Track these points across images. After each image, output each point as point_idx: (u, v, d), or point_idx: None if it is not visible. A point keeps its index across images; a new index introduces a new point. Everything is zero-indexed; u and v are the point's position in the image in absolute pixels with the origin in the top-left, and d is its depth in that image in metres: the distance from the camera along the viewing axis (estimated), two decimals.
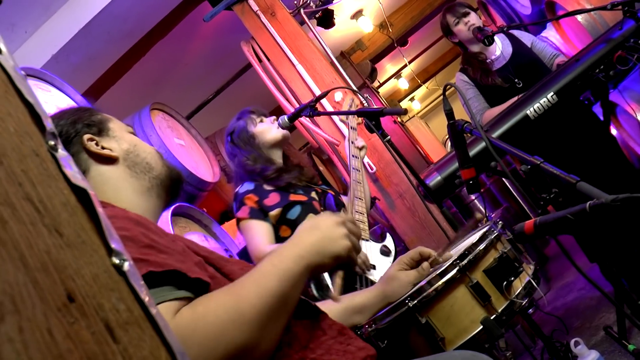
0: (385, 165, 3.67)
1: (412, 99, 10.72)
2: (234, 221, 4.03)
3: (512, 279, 1.35)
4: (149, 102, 3.96)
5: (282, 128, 2.59)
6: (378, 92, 7.93)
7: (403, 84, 9.40)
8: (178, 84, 5.38)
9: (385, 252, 2.60)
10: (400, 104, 10.02)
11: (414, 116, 10.84)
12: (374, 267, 2.46)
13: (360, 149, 2.86)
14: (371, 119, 2.09)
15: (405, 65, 8.51)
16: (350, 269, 1.20)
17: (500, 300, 1.35)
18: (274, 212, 2.48)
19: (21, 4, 3.48)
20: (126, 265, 0.45)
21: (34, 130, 0.45)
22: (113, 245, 0.45)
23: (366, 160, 3.66)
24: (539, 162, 1.24)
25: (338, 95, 3.70)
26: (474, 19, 3.32)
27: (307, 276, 1.08)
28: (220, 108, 5.81)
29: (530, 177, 1.27)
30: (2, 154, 0.40)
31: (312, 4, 4.70)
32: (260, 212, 2.48)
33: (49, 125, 0.47)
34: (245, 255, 3.26)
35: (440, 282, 1.35)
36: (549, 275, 5.02)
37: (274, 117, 2.73)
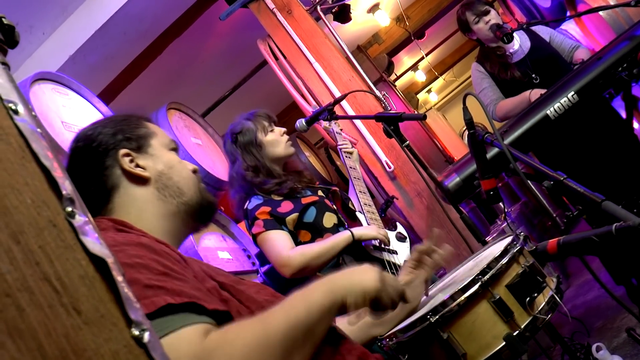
0: (403, 164, 3.64)
1: (429, 91, 10.63)
2: None
3: (535, 295, 1.33)
4: (166, 99, 3.96)
5: (300, 132, 2.57)
6: (395, 86, 7.88)
7: (420, 76, 9.34)
8: (194, 81, 5.39)
9: (401, 238, 2.60)
10: (417, 96, 9.96)
11: (430, 108, 10.77)
12: (395, 252, 2.46)
13: (351, 152, 2.89)
14: (390, 124, 2.06)
15: (422, 58, 8.45)
16: (380, 310, 1.21)
17: (523, 316, 1.33)
18: (290, 217, 2.42)
19: (39, 5, 3.50)
20: (146, 336, 0.43)
21: (51, 197, 0.44)
22: (132, 316, 0.43)
23: (384, 158, 3.64)
24: (562, 178, 1.22)
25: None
26: (493, 17, 3.28)
27: (335, 311, 1.08)
28: (236, 105, 5.80)
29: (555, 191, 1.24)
30: (20, 231, 0.39)
31: None
32: (275, 222, 2.41)
33: (66, 190, 0.46)
34: (264, 257, 3.26)
35: (462, 298, 1.33)
36: (568, 271, 4.95)
37: (285, 129, 2.66)
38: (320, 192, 2.61)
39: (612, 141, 3.04)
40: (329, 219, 2.49)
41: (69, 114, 2.77)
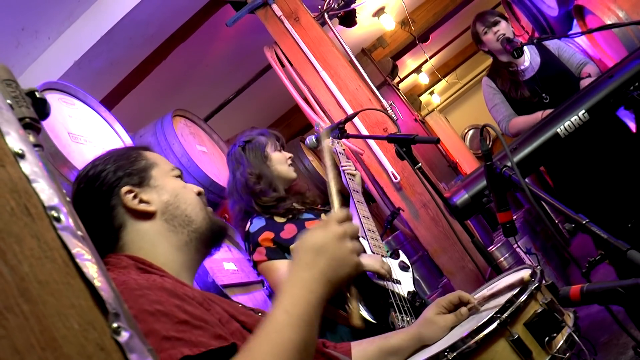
0: (409, 175, 3.62)
1: (431, 93, 10.61)
2: None
3: (555, 335, 1.32)
4: (170, 103, 3.93)
5: (310, 148, 2.55)
6: (398, 89, 7.86)
7: (423, 79, 9.30)
8: (199, 84, 5.37)
9: (404, 267, 2.59)
10: (420, 98, 9.93)
11: (433, 110, 10.74)
12: (399, 282, 2.45)
13: (354, 175, 2.79)
14: (402, 145, 2.05)
15: (426, 61, 8.42)
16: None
17: (541, 355, 1.31)
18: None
19: (45, 10, 3.47)
20: None
21: (97, 315, 0.43)
22: None
23: (390, 169, 3.62)
24: (584, 222, 1.20)
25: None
26: (503, 28, 3.27)
27: (322, 308, 1.01)
28: (240, 107, 5.79)
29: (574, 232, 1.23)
30: None
31: (335, 5, 4.65)
32: (278, 250, 2.36)
33: (111, 304, 0.44)
34: None
35: (480, 335, 1.31)
36: (571, 280, 4.95)
37: (291, 155, 2.65)
38: (323, 216, 2.58)
39: (622, 157, 3.03)
40: None
41: (76, 124, 2.75)
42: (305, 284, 1.02)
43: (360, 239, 2.55)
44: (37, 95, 0.60)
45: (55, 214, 0.45)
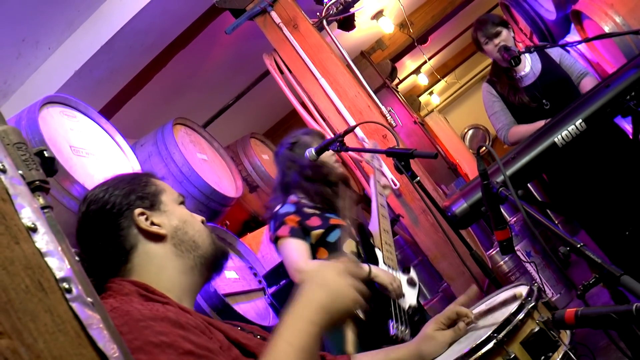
0: (409, 181, 3.64)
1: (430, 93, 10.62)
2: (256, 232, 4.06)
3: (550, 354, 1.34)
4: (170, 109, 3.95)
5: (310, 161, 2.59)
6: (398, 91, 7.88)
7: (422, 80, 9.31)
8: (199, 90, 5.39)
9: (411, 283, 2.64)
10: (419, 98, 9.95)
11: (432, 110, 10.75)
12: (403, 296, 2.50)
13: (385, 187, 2.97)
14: (401, 159, 2.07)
15: (425, 62, 8.43)
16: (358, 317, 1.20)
17: None
18: (316, 232, 2.53)
19: (45, 21, 3.49)
20: None
21: None
22: None
23: (390, 175, 3.64)
24: (579, 245, 1.22)
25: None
26: (504, 39, 3.25)
27: (320, 338, 1.08)
28: (240, 112, 5.81)
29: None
30: None
31: (334, 9, 4.66)
32: (301, 231, 2.52)
33: None
34: (273, 277, 3.27)
35: (477, 355, 1.34)
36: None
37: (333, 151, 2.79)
38: (347, 221, 2.69)
39: (620, 163, 3.04)
40: (349, 245, 2.59)
41: (77, 137, 2.77)
42: (305, 313, 1.08)
43: (376, 249, 2.65)
44: (46, 155, 0.62)
45: (67, 286, 0.47)
